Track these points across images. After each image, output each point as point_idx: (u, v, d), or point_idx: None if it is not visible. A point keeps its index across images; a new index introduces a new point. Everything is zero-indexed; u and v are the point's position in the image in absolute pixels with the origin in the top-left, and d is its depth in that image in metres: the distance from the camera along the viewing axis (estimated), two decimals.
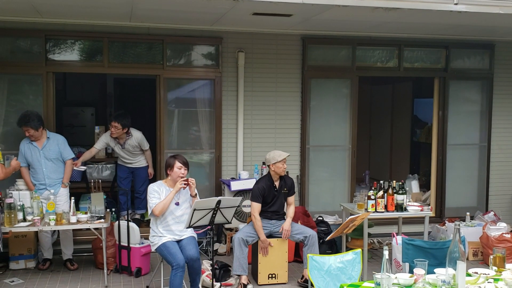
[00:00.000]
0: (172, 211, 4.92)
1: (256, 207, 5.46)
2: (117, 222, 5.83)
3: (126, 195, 6.19)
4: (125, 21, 6.36)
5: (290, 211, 5.64)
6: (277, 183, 5.57)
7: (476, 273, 3.42)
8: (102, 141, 6.64)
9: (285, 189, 5.61)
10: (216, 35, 6.74)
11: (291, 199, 5.68)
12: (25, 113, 5.73)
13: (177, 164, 4.90)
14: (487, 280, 3.30)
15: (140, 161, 6.87)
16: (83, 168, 6.21)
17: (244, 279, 5.32)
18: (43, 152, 5.74)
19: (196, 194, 4.96)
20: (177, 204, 4.94)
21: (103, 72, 7.22)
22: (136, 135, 6.63)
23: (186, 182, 4.84)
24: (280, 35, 6.91)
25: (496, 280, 3.32)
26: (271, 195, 5.53)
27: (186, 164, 4.96)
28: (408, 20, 6.12)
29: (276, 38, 6.92)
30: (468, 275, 3.36)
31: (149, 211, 4.92)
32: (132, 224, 5.79)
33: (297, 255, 6.27)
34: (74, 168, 6.02)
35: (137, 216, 7.00)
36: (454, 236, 3.18)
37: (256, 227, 5.45)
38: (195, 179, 4.93)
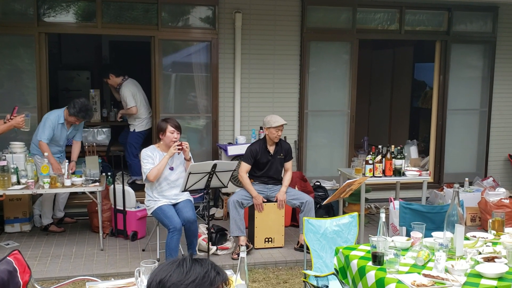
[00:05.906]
0: (167, 176, 4.86)
1: (245, 167, 5.41)
2: (112, 186, 5.78)
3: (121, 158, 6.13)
4: None
5: (286, 178, 5.54)
6: (271, 148, 5.47)
7: (475, 236, 3.38)
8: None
9: (281, 154, 5.52)
10: None
11: (288, 164, 5.59)
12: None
13: (170, 128, 4.79)
14: (485, 243, 3.25)
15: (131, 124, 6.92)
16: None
17: (242, 240, 5.26)
18: (68, 134, 5.86)
19: (190, 158, 4.89)
20: (171, 169, 4.87)
21: (96, 33, 7.06)
22: (126, 85, 6.83)
23: (181, 147, 4.75)
24: None
25: (494, 244, 3.28)
26: (264, 158, 5.44)
27: (178, 127, 4.85)
28: None
29: None
30: (466, 238, 3.32)
31: (144, 177, 4.85)
32: (127, 188, 5.75)
33: (294, 220, 6.25)
34: None
35: (139, 182, 6.97)
36: (452, 200, 3.12)
37: (245, 186, 5.40)
38: (190, 143, 4.84)
